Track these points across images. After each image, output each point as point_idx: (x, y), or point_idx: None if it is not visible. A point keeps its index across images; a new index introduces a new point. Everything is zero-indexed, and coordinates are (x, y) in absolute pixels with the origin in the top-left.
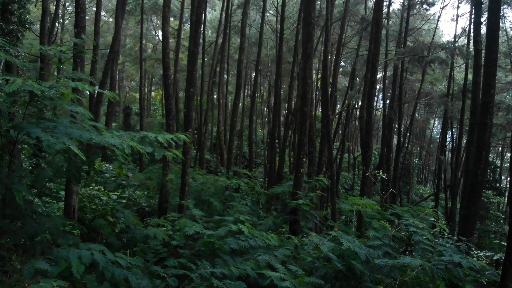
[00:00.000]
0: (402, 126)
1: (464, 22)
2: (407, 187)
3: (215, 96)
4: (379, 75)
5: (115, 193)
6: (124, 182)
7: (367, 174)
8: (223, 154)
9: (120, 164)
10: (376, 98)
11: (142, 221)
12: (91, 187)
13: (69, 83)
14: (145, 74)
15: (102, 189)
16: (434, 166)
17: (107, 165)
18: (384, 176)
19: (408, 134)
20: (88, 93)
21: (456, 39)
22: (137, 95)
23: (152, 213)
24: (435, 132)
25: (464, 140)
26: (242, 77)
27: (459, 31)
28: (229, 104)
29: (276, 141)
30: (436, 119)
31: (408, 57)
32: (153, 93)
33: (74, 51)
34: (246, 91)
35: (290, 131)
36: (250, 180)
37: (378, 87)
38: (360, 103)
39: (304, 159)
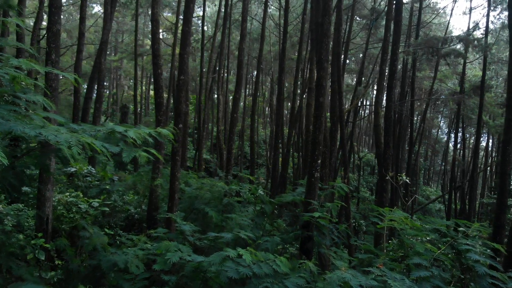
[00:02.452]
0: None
1: (475, 16)
2: (413, 188)
3: (215, 96)
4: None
5: (97, 200)
6: (107, 187)
7: (386, 178)
8: (223, 155)
9: (104, 166)
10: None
11: (129, 231)
12: (67, 193)
13: (10, 60)
14: (143, 71)
15: (81, 195)
16: (439, 166)
17: (89, 167)
18: (407, 180)
19: (420, 133)
20: (73, 88)
21: (470, 33)
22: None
23: (142, 221)
24: (440, 132)
25: (482, 139)
26: (243, 73)
27: (471, 25)
28: (230, 103)
29: (279, 141)
30: (442, 118)
31: (422, 50)
32: (152, 92)
33: (48, 31)
34: (247, 90)
35: (293, 130)
36: (253, 186)
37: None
38: (368, 100)
39: (319, 161)
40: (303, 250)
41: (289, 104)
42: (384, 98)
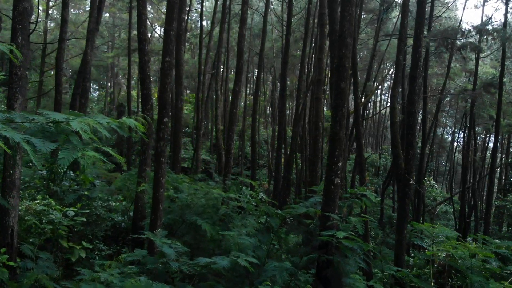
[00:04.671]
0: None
1: (487, 10)
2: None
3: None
4: (391, 71)
5: (72, 208)
6: (87, 193)
7: (410, 182)
8: (222, 155)
9: (83, 168)
10: (387, 94)
11: (115, 243)
12: (37, 201)
13: None
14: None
15: (53, 202)
16: (444, 167)
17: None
18: (435, 184)
19: (432, 132)
20: (55, 82)
21: (487, 24)
22: (134, 92)
23: (129, 230)
24: (444, 132)
25: (489, 139)
26: (244, 71)
27: (483, 19)
28: (230, 102)
29: (281, 140)
30: (447, 118)
31: (436, 42)
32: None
33: (14, 10)
34: (248, 89)
35: (297, 130)
36: (254, 192)
37: (387, 84)
38: (371, 99)
39: (340, 164)
40: (321, 279)
41: (290, 103)
42: (388, 94)
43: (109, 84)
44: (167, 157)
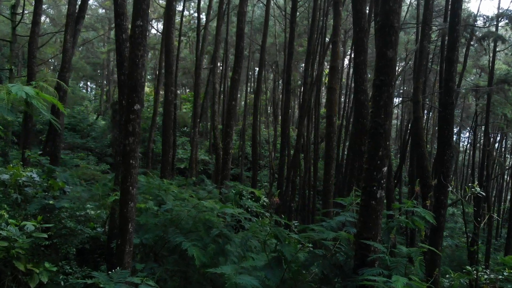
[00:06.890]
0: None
1: (503, 1)
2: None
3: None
4: (398, 66)
5: (32, 221)
6: (51, 202)
7: (449, 189)
8: (220, 155)
9: (51, 171)
10: (397, 90)
11: (92, 259)
12: None
13: None
14: None
15: (5, 215)
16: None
17: (31, 173)
18: (482, 193)
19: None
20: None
21: (507, 13)
22: None
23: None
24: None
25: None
26: (244, 67)
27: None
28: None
29: (285, 140)
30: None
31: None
32: (147, 89)
33: None
34: (249, 88)
35: (303, 128)
36: (257, 204)
37: (396, 82)
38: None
39: (385, 169)
40: None
41: (292, 102)
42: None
43: (105, 81)
44: (139, 158)
